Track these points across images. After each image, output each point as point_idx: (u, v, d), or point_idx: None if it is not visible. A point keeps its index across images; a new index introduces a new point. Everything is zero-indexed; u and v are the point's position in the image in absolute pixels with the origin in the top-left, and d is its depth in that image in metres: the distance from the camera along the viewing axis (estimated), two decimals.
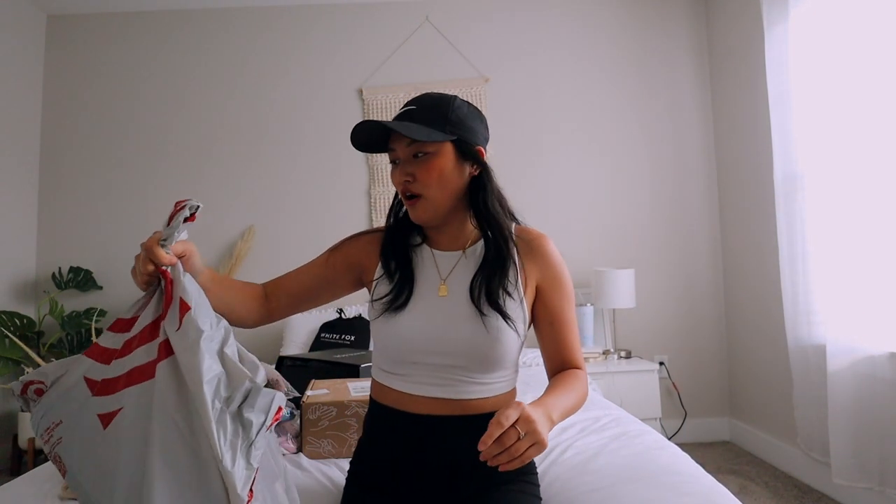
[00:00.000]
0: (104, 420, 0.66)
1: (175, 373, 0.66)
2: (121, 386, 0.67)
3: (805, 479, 2.22)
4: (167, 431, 0.64)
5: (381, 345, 0.93)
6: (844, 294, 1.88)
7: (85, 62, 2.98)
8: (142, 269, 0.76)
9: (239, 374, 0.67)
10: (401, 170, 0.89)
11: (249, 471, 0.63)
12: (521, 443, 0.67)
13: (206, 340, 0.67)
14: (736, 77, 2.74)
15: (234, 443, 0.63)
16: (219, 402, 0.64)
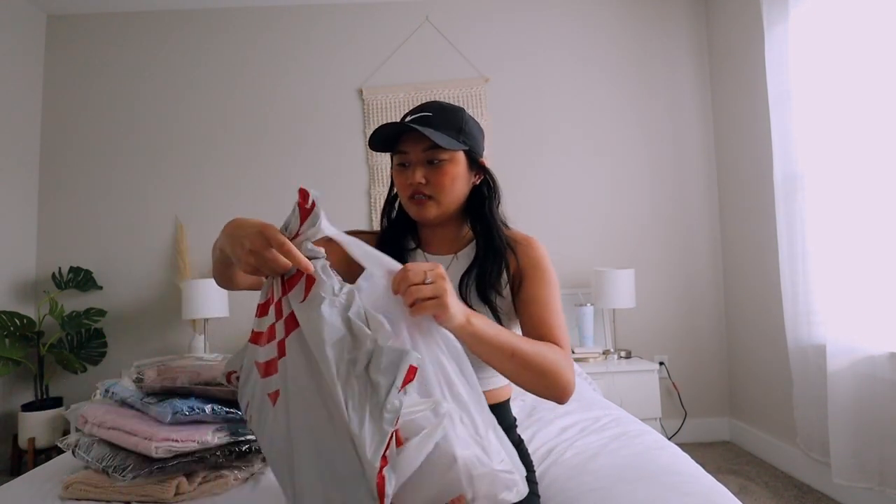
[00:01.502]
0: (272, 398, 0.70)
1: (302, 345, 0.66)
2: (276, 366, 0.70)
3: (805, 479, 2.22)
4: (303, 403, 0.66)
5: None
6: (844, 294, 1.87)
7: (85, 62, 2.98)
8: (276, 271, 0.67)
9: (362, 334, 0.64)
10: (414, 172, 0.92)
11: (382, 435, 0.59)
12: (424, 287, 0.67)
13: (327, 306, 0.65)
14: (736, 77, 2.74)
15: (361, 405, 0.60)
16: (343, 366, 0.63)
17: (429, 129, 0.89)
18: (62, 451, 1.28)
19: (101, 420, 1.18)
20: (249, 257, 0.67)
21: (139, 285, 2.90)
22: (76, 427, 1.23)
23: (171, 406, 1.15)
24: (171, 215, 2.94)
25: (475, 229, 0.98)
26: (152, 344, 2.89)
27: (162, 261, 2.92)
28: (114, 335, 2.85)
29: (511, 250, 0.96)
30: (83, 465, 1.19)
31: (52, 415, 2.53)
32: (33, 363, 2.63)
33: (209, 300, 2.64)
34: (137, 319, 2.88)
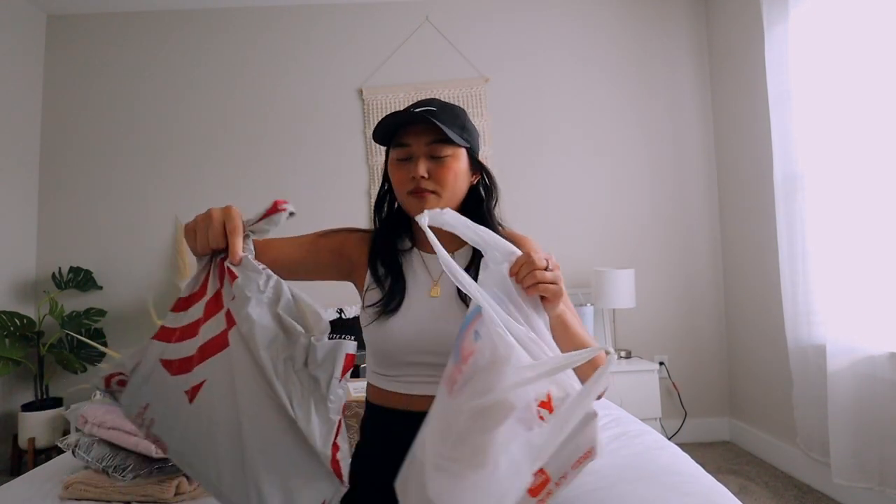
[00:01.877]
0: (190, 395, 0.67)
1: (244, 339, 0.66)
2: (200, 360, 0.68)
3: (805, 479, 2.22)
4: (251, 395, 0.64)
5: (375, 349, 0.94)
6: (844, 294, 1.88)
7: (85, 62, 2.98)
8: (211, 243, 0.70)
9: (294, 330, 0.65)
10: (417, 166, 0.89)
11: (329, 425, 0.62)
12: (547, 272, 0.71)
13: (254, 306, 0.65)
14: (736, 77, 2.74)
15: (305, 401, 0.63)
16: (281, 365, 0.64)
17: (439, 122, 0.87)
18: (62, 451, 1.28)
19: (101, 420, 1.18)
20: (201, 218, 0.71)
21: (139, 285, 2.90)
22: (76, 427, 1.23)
23: None
24: (170, 215, 2.94)
25: None
26: None
27: (162, 261, 2.92)
28: (114, 335, 2.85)
29: None
30: (83, 465, 1.19)
31: (52, 415, 2.53)
32: (33, 363, 2.63)
33: None
34: (137, 319, 2.88)
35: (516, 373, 0.61)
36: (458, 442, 0.62)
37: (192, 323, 0.70)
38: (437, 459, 0.63)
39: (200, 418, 0.67)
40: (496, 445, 0.60)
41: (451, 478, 0.62)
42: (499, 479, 0.59)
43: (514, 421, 0.61)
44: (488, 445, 0.60)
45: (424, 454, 0.64)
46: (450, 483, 0.61)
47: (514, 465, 0.59)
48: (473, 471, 0.60)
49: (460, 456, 0.61)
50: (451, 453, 0.62)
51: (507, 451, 0.60)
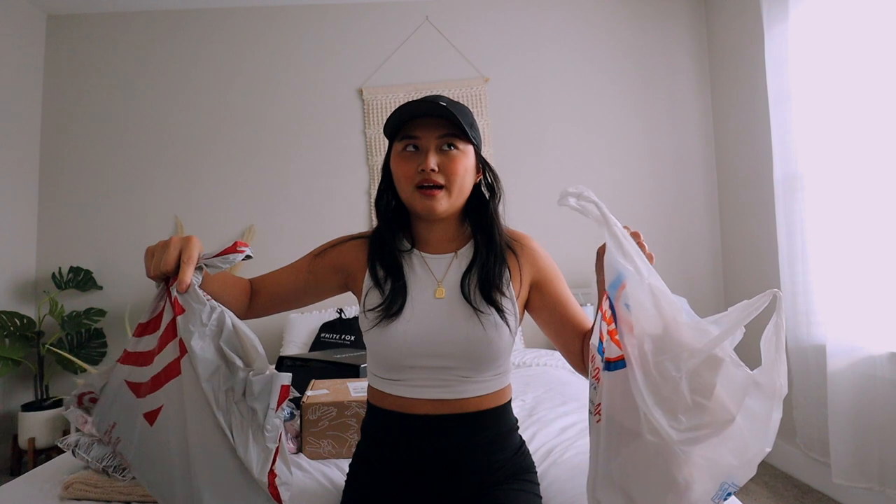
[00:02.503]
0: (149, 418, 0.71)
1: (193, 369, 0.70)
2: (158, 385, 0.71)
3: (805, 479, 2.22)
4: (200, 421, 0.68)
5: (378, 353, 0.92)
6: (844, 294, 1.88)
7: (85, 62, 2.98)
8: (162, 267, 0.72)
9: (234, 364, 0.69)
10: (427, 158, 0.87)
11: (266, 453, 0.66)
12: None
13: (197, 339, 0.69)
14: (736, 77, 2.74)
15: (244, 430, 0.66)
16: (222, 396, 0.68)
17: (453, 115, 0.86)
18: (62, 451, 1.28)
19: None
20: (161, 242, 0.74)
21: (139, 285, 2.90)
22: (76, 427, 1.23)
23: None
24: (170, 215, 2.94)
25: (475, 227, 0.95)
26: None
27: None
28: (114, 335, 2.85)
29: (511, 250, 0.95)
30: (83, 465, 1.19)
31: (52, 415, 2.53)
32: (33, 363, 2.63)
33: None
34: (137, 319, 2.88)
35: (700, 331, 0.65)
36: (696, 409, 0.61)
37: (148, 352, 0.74)
38: (682, 435, 0.61)
39: (158, 440, 0.70)
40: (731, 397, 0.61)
41: (706, 445, 0.61)
42: (747, 431, 0.61)
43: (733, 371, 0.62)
44: (725, 398, 0.61)
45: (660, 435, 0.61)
46: (706, 451, 0.61)
47: (751, 414, 0.60)
48: (725, 427, 0.60)
49: (707, 420, 0.61)
50: (695, 422, 0.61)
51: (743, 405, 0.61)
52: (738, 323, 0.63)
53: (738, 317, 0.64)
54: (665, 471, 0.61)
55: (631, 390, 0.63)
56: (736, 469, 0.62)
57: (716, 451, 0.61)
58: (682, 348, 0.63)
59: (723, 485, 0.62)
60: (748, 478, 0.62)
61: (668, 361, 0.63)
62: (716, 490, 0.62)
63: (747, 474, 0.62)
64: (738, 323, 0.63)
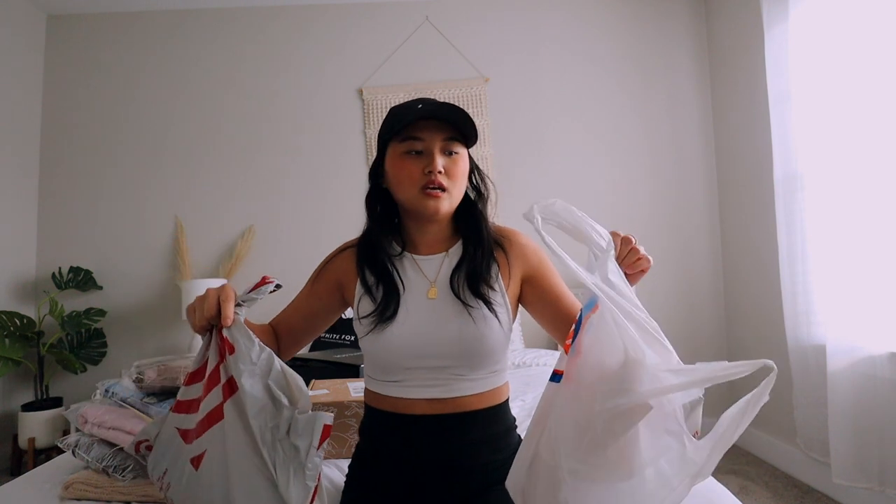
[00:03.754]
0: (195, 463, 0.74)
1: (238, 410, 0.73)
2: (202, 430, 0.74)
3: (805, 479, 2.22)
4: (242, 465, 0.71)
5: (373, 357, 0.93)
6: (844, 294, 1.87)
7: (85, 62, 2.98)
8: (206, 314, 0.76)
9: (280, 402, 0.72)
10: (434, 161, 0.87)
11: (306, 491, 0.68)
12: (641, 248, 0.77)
13: (247, 377, 0.72)
14: (736, 77, 2.74)
15: (286, 467, 0.69)
16: (268, 433, 0.71)
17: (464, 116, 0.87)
18: (62, 451, 1.28)
19: (102, 420, 1.18)
20: (199, 297, 0.78)
21: (139, 285, 2.90)
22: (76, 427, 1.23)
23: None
24: (171, 215, 2.94)
25: (464, 226, 0.96)
26: (152, 344, 2.89)
27: (162, 261, 2.92)
28: (114, 335, 2.85)
29: (499, 246, 0.96)
30: (83, 465, 1.19)
31: (52, 415, 2.53)
32: (33, 363, 2.63)
33: None
34: (137, 319, 2.89)
35: (654, 377, 0.59)
36: (597, 447, 0.60)
37: (195, 399, 0.77)
38: (573, 464, 0.61)
39: (202, 485, 0.73)
40: (642, 455, 0.58)
41: (592, 484, 0.61)
42: (647, 493, 0.58)
43: (661, 430, 0.59)
44: (633, 454, 0.59)
45: (555, 456, 0.62)
46: (589, 490, 0.60)
47: (663, 478, 0.58)
48: (618, 479, 0.59)
49: (602, 463, 0.60)
50: (591, 459, 0.60)
51: (656, 463, 0.58)
52: (698, 383, 0.58)
53: (703, 376, 0.58)
54: (553, 493, 0.62)
55: (553, 406, 0.64)
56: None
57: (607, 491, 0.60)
58: (622, 385, 0.60)
59: None
60: None
61: (601, 393, 0.61)
62: None
63: None
64: (700, 382, 0.58)
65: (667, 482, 0.58)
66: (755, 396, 0.55)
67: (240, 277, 2.86)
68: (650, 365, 0.60)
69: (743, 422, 0.55)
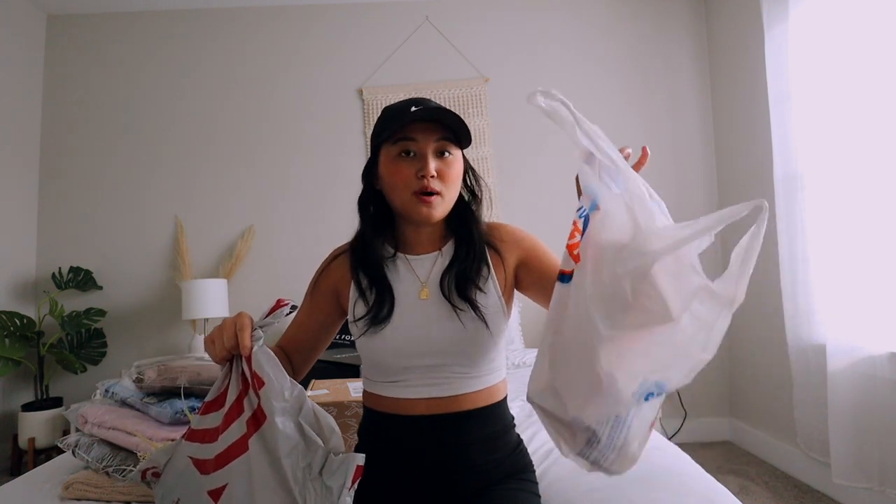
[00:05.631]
0: (214, 496, 0.72)
1: (265, 444, 0.71)
2: (223, 463, 0.73)
3: (805, 479, 2.22)
4: (268, 500, 0.69)
5: (369, 358, 0.93)
6: (844, 294, 1.87)
7: (85, 62, 2.98)
8: (226, 344, 0.75)
9: (314, 442, 0.72)
10: (427, 163, 0.86)
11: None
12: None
13: (279, 414, 0.71)
14: (736, 77, 2.74)
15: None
16: (300, 472, 0.70)
17: (456, 118, 0.86)
18: (62, 451, 1.28)
19: (102, 420, 1.18)
20: (216, 328, 0.77)
21: (139, 285, 2.90)
22: (76, 427, 1.23)
23: (172, 406, 1.15)
24: (171, 215, 2.94)
25: (456, 225, 0.95)
26: (152, 344, 2.89)
27: (162, 261, 2.92)
28: (114, 335, 2.85)
29: (490, 245, 0.95)
30: (83, 465, 1.19)
31: (52, 415, 2.53)
32: (33, 363, 2.63)
33: (209, 300, 2.64)
34: (137, 319, 2.89)
35: (665, 236, 0.61)
36: (630, 307, 0.59)
37: (213, 429, 0.76)
38: (608, 331, 0.59)
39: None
40: (674, 300, 0.59)
41: (631, 339, 0.60)
42: (687, 337, 0.58)
43: (687, 278, 0.60)
44: (665, 300, 0.59)
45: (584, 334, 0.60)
46: (629, 348, 0.59)
47: (698, 319, 0.58)
48: (661, 323, 0.58)
49: (640, 317, 0.59)
50: (626, 320, 0.59)
51: (690, 307, 0.59)
52: (707, 229, 0.60)
53: (707, 223, 0.60)
54: (589, 367, 0.60)
55: (570, 303, 0.63)
56: (665, 369, 0.59)
57: (646, 346, 0.59)
58: (638, 250, 0.61)
59: (643, 383, 0.59)
60: (680, 384, 0.59)
61: (620, 260, 0.61)
62: (637, 387, 0.59)
63: (679, 380, 0.59)
64: (706, 229, 0.60)
65: (703, 321, 0.58)
66: (755, 230, 0.58)
67: (240, 277, 2.86)
68: (659, 227, 0.62)
69: (752, 251, 0.57)
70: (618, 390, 0.59)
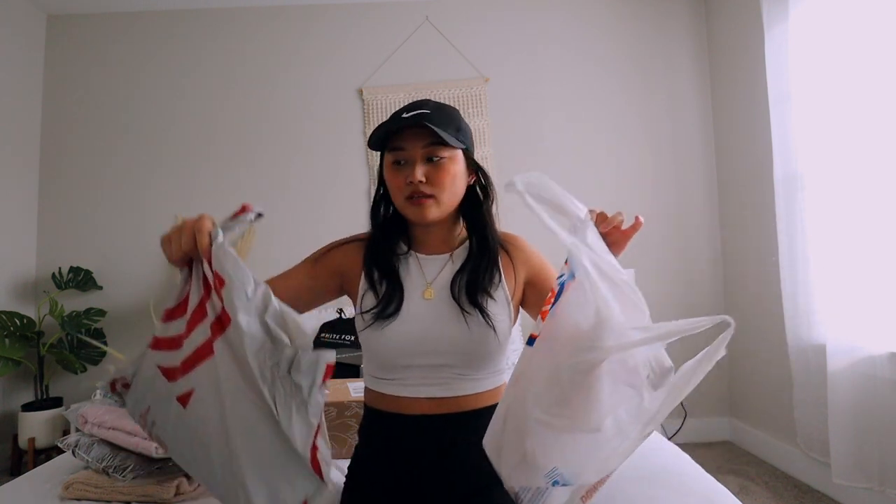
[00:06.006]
0: (182, 401, 0.71)
1: (231, 347, 0.69)
2: (189, 368, 0.71)
3: (805, 479, 2.22)
4: (238, 402, 0.68)
5: (373, 353, 0.94)
6: (844, 294, 1.87)
7: (85, 62, 2.98)
8: (183, 247, 0.71)
9: (281, 341, 0.69)
10: (414, 170, 0.88)
11: (309, 427, 0.66)
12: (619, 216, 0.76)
13: (243, 313, 0.68)
14: (736, 77, 2.74)
15: (288, 404, 0.67)
16: (267, 371, 0.68)
17: (433, 125, 0.87)
18: (62, 451, 1.28)
19: (102, 420, 1.18)
20: (173, 227, 0.72)
21: (139, 285, 2.90)
22: (76, 427, 1.23)
23: None
24: (170, 215, 2.93)
25: (470, 228, 0.97)
26: None
27: (162, 261, 2.92)
28: (114, 335, 2.85)
29: (504, 251, 0.96)
30: (83, 465, 1.19)
31: (52, 415, 2.53)
32: (33, 363, 2.63)
33: None
34: (137, 319, 2.88)
35: (621, 334, 0.62)
36: (563, 399, 0.63)
37: (177, 336, 0.74)
38: (540, 415, 0.65)
39: (193, 423, 0.71)
40: (604, 406, 0.61)
41: (555, 432, 0.64)
42: (605, 440, 0.61)
43: (622, 384, 0.62)
44: (596, 406, 0.61)
45: (524, 409, 0.66)
46: (551, 437, 0.63)
47: (620, 426, 0.60)
48: (581, 430, 0.61)
49: (568, 414, 0.63)
50: (557, 410, 0.63)
51: (615, 412, 0.61)
52: (660, 338, 0.62)
53: (663, 332, 0.62)
54: (520, 439, 0.65)
55: (528, 368, 0.68)
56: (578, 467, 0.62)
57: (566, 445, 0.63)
58: (591, 343, 0.63)
59: (555, 471, 0.64)
60: (589, 482, 0.62)
61: (571, 349, 0.64)
62: (549, 471, 0.64)
63: (588, 478, 0.62)
64: (659, 338, 0.62)
65: (623, 430, 0.60)
66: (711, 351, 0.57)
67: None
68: (617, 323, 0.63)
69: (697, 375, 0.56)
70: (536, 468, 0.65)
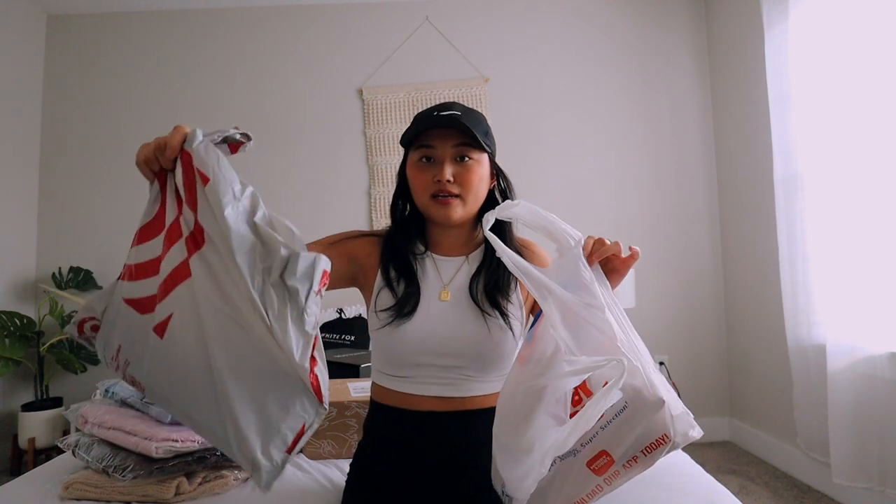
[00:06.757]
0: (159, 331, 0.64)
1: (208, 263, 0.63)
2: (166, 292, 0.65)
3: (805, 479, 2.22)
4: (219, 322, 0.62)
5: (386, 351, 0.93)
6: (844, 294, 1.87)
7: (85, 62, 2.98)
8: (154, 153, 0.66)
9: (273, 241, 0.61)
10: (443, 169, 0.89)
11: (306, 338, 0.60)
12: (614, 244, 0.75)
13: (231, 211, 0.61)
14: (736, 77, 2.74)
15: (282, 313, 0.60)
16: (258, 275, 0.61)
17: (467, 127, 0.87)
18: (62, 451, 1.28)
19: (102, 420, 1.18)
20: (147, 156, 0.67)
21: None
22: (76, 427, 1.23)
23: None
24: None
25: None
26: None
27: None
28: None
29: (529, 257, 0.97)
30: (83, 465, 1.19)
31: (52, 415, 2.53)
32: (33, 363, 2.63)
33: None
34: None
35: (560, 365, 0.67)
36: (513, 423, 0.70)
37: (152, 260, 0.67)
38: (500, 436, 0.72)
39: (172, 352, 0.64)
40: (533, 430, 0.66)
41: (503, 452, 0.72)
42: (529, 466, 0.65)
43: (547, 415, 0.67)
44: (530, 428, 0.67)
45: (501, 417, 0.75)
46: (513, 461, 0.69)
47: (539, 454, 0.64)
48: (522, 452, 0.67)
49: (514, 436, 0.69)
50: (510, 432, 0.70)
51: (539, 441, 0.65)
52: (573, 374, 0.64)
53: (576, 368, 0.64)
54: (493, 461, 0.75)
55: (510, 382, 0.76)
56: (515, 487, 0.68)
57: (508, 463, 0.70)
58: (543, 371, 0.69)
59: (503, 488, 0.72)
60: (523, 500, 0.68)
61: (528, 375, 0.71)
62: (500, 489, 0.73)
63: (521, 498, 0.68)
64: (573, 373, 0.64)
65: (539, 458, 0.63)
66: (606, 391, 0.59)
67: None
68: (562, 354, 0.68)
69: (597, 409, 0.59)
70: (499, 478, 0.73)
